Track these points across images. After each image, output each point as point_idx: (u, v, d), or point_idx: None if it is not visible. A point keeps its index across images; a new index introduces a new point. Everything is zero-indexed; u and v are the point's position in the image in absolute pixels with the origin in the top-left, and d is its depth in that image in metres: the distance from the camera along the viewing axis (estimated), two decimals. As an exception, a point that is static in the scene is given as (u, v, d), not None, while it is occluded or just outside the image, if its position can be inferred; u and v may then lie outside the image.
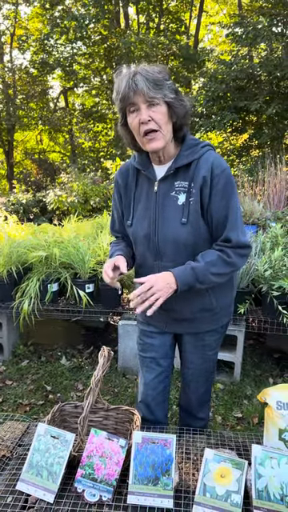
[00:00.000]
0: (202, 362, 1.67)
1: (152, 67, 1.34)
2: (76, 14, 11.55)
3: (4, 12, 13.09)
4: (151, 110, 1.33)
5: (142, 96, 1.31)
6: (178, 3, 14.05)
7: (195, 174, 1.41)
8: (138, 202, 1.54)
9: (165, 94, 1.33)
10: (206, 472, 1.19)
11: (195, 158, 1.42)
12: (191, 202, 1.41)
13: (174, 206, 1.44)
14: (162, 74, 1.33)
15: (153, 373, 1.70)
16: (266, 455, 1.20)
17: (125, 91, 1.32)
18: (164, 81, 1.33)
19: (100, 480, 1.21)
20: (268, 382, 2.94)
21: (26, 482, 1.24)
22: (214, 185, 1.39)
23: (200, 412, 1.78)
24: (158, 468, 1.21)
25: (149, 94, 1.30)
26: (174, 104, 1.37)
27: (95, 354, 3.37)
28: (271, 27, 9.20)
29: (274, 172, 4.72)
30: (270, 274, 2.74)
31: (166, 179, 1.46)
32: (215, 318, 1.61)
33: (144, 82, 1.29)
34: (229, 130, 10.51)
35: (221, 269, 1.41)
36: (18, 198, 7.46)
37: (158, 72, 1.33)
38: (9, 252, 3.19)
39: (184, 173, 1.44)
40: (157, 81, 1.31)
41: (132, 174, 1.57)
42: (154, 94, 1.31)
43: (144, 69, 1.32)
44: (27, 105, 13.09)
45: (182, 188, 1.44)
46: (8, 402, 2.74)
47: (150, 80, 1.30)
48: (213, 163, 1.40)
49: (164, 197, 1.46)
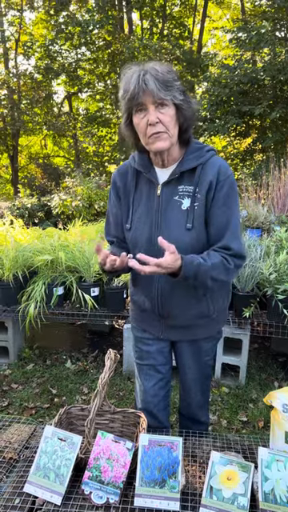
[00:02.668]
0: (199, 368, 1.65)
1: (161, 66, 1.30)
2: (80, 20, 11.64)
3: (9, 18, 13.21)
4: (160, 111, 1.30)
5: (151, 96, 1.27)
6: (182, 8, 14.12)
7: (201, 179, 1.39)
8: (138, 205, 1.49)
9: (174, 95, 1.30)
10: (213, 474, 1.20)
11: (201, 163, 1.39)
12: (196, 206, 1.39)
13: (178, 210, 1.40)
14: (172, 75, 1.30)
15: (152, 380, 1.68)
16: (272, 458, 1.20)
17: (134, 91, 1.27)
18: (173, 81, 1.30)
19: (107, 482, 1.22)
20: (273, 386, 2.93)
21: (34, 484, 1.25)
22: (217, 190, 1.37)
23: (201, 416, 1.76)
24: (164, 470, 1.22)
25: (159, 95, 1.27)
26: (182, 106, 1.33)
27: (100, 358, 3.38)
28: (274, 32, 9.24)
29: (278, 176, 4.71)
30: (275, 278, 2.74)
31: (169, 183, 1.43)
32: (212, 324, 1.59)
33: (154, 82, 1.25)
34: (232, 134, 10.52)
35: (220, 274, 1.37)
36: (23, 202, 7.49)
37: (168, 72, 1.29)
38: (15, 256, 3.21)
39: (189, 177, 1.41)
40: (167, 81, 1.27)
41: (131, 176, 1.52)
42: (164, 95, 1.27)
43: (154, 68, 1.28)
44: (32, 110, 13.17)
45: (187, 192, 1.41)
46: (14, 406, 2.75)
47: (160, 80, 1.26)
48: (220, 168, 1.38)
49: (167, 201, 1.42)
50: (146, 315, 1.61)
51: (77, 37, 11.96)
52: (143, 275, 1.48)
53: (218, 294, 1.53)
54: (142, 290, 1.57)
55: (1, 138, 13.04)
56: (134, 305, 1.67)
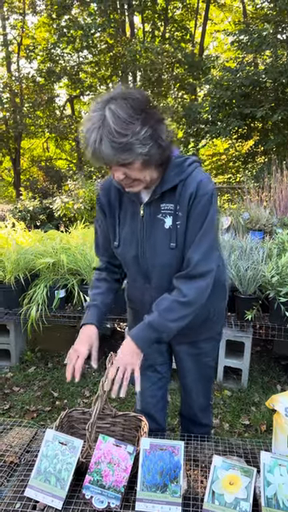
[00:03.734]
0: (200, 369, 1.63)
1: (122, 115, 1.13)
2: (82, 24, 11.69)
3: (11, 22, 13.28)
4: (124, 168, 1.23)
5: (110, 162, 1.21)
6: (183, 12, 14.17)
7: (181, 196, 1.32)
8: (124, 224, 1.45)
9: (136, 152, 1.17)
10: (215, 479, 1.19)
11: (182, 179, 1.32)
12: (178, 225, 1.34)
13: (161, 229, 1.36)
14: (131, 129, 1.14)
15: (150, 380, 1.66)
16: (275, 462, 1.19)
17: (92, 157, 1.19)
18: (133, 139, 1.15)
19: (108, 487, 1.21)
20: (276, 389, 2.92)
21: (35, 488, 1.24)
22: (193, 205, 1.31)
23: (203, 418, 1.74)
24: (166, 475, 1.21)
25: (117, 161, 1.19)
26: (150, 156, 1.21)
27: (102, 361, 3.36)
28: (276, 34, 9.26)
29: (280, 178, 4.71)
30: (277, 280, 2.74)
31: (151, 202, 1.37)
32: (211, 325, 1.58)
33: (110, 150, 1.15)
34: (234, 137, 10.54)
35: (179, 312, 1.33)
36: (25, 205, 7.51)
37: (126, 128, 1.13)
38: (16, 259, 3.21)
39: (170, 194, 1.34)
40: (125, 144, 1.15)
41: (114, 194, 1.45)
42: (123, 158, 1.18)
43: (111, 127, 1.12)
44: (34, 113, 13.23)
45: (168, 211, 1.35)
46: (15, 409, 2.75)
47: (116, 146, 1.14)
48: (199, 183, 1.31)
49: (151, 220, 1.38)
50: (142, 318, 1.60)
51: (79, 40, 12.01)
52: (137, 290, 1.52)
53: (215, 296, 1.51)
54: (135, 303, 1.58)
55: (3, 141, 13.09)
56: (130, 309, 1.67)
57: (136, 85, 12.93)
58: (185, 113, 11.14)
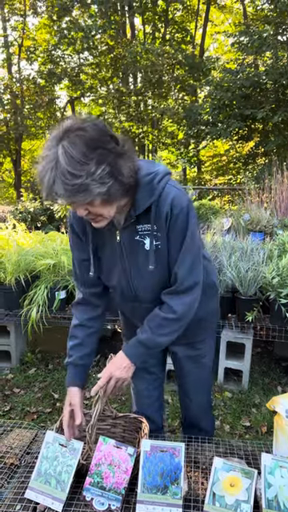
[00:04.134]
0: (198, 370, 1.62)
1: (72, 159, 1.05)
2: (83, 25, 11.72)
3: (12, 23, 13.32)
4: (85, 206, 1.16)
5: (68, 203, 1.14)
6: (184, 13, 14.19)
7: (157, 216, 1.27)
8: (102, 253, 1.40)
9: (92, 193, 1.09)
10: (215, 481, 1.19)
11: (154, 200, 1.26)
12: (158, 245, 1.30)
13: (143, 251, 1.32)
14: (85, 170, 1.05)
15: (144, 382, 1.67)
16: (275, 464, 1.19)
17: (47, 197, 1.11)
18: (89, 180, 1.07)
19: (109, 488, 1.21)
20: (276, 391, 2.91)
21: (35, 490, 1.24)
22: (171, 224, 1.27)
23: (204, 422, 1.72)
24: (166, 477, 1.21)
25: (73, 201, 1.12)
26: (110, 194, 1.13)
27: (102, 362, 3.37)
28: (276, 36, 9.27)
29: (280, 179, 4.71)
30: (278, 282, 2.73)
31: (127, 227, 1.31)
32: (207, 324, 1.58)
33: (65, 191, 1.07)
34: (235, 138, 10.55)
35: (169, 328, 1.35)
36: (25, 206, 7.51)
37: (80, 168, 1.05)
38: (17, 260, 3.21)
39: (144, 216, 1.29)
40: (79, 186, 1.06)
41: (87, 222, 1.32)
42: (79, 199, 1.10)
43: (62, 172, 1.05)
44: (35, 114, 13.26)
45: (146, 231, 1.30)
46: (16, 410, 2.74)
47: (69, 188, 1.06)
48: (172, 201, 1.26)
49: (130, 243, 1.33)
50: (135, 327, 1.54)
51: (79, 42, 12.04)
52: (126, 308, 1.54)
53: (206, 297, 1.48)
54: (126, 316, 1.60)
55: (4, 143, 13.11)
56: (123, 316, 1.67)
57: (136, 86, 12.97)
58: (185, 114, 11.17)
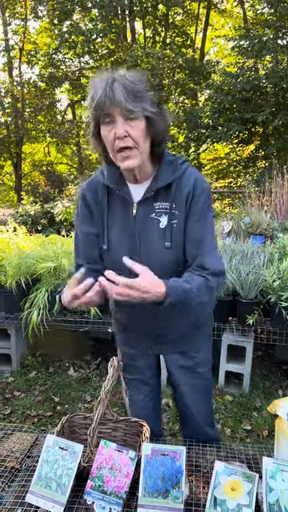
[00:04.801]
0: (197, 381, 1.55)
1: (133, 74, 1.19)
2: (84, 29, 11.76)
3: (13, 27, 13.37)
4: (128, 124, 1.19)
5: (118, 108, 1.16)
6: (184, 17, 14.25)
7: (177, 194, 1.30)
8: (113, 226, 1.38)
9: (144, 107, 1.18)
10: (217, 485, 1.18)
11: (177, 177, 1.30)
12: (174, 224, 1.31)
13: (157, 229, 1.32)
14: (143, 85, 1.19)
15: (141, 393, 1.63)
16: (277, 468, 1.19)
17: (100, 99, 1.17)
18: (144, 92, 1.19)
19: (110, 492, 1.20)
20: (277, 394, 2.91)
21: (35, 494, 1.23)
22: (193, 203, 1.29)
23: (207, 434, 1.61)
24: (167, 480, 1.20)
25: (126, 107, 1.15)
26: (154, 119, 1.22)
27: (103, 366, 3.37)
28: (276, 39, 9.30)
29: (281, 182, 4.71)
30: (279, 285, 2.73)
31: (145, 201, 1.32)
32: (200, 334, 1.53)
33: (122, 92, 1.14)
34: (235, 141, 10.57)
35: (204, 296, 1.27)
36: (26, 209, 7.53)
37: (139, 81, 1.18)
38: (18, 263, 3.22)
39: (165, 193, 1.31)
40: (137, 92, 1.16)
41: (102, 193, 1.38)
42: (133, 106, 1.16)
43: (124, 76, 1.17)
44: (35, 118, 13.29)
45: (163, 209, 1.32)
46: (16, 414, 2.74)
47: (128, 90, 1.15)
48: (196, 181, 1.30)
49: (144, 220, 1.33)
50: (131, 335, 1.55)
51: (80, 45, 12.08)
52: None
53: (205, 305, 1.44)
54: (124, 308, 1.48)
55: (4, 146, 13.13)
56: (117, 323, 1.59)
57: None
58: (186, 118, 11.19)
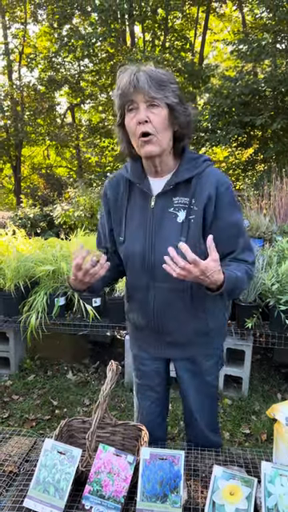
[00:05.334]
0: (203, 388, 1.57)
1: (158, 68, 1.28)
2: (83, 33, 11.79)
3: (13, 31, 13.40)
4: (150, 110, 1.25)
5: (142, 94, 1.23)
6: (183, 21, 14.28)
7: (197, 191, 1.33)
8: (131, 218, 1.43)
9: (167, 95, 1.25)
10: (215, 489, 1.18)
11: (197, 173, 1.34)
12: (191, 219, 1.33)
13: (173, 223, 1.34)
14: (167, 77, 1.27)
15: (148, 400, 1.65)
16: (275, 472, 1.18)
17: (125, 86, 1.24)
18: (168, 83, 1.27)
19: (108, 497, 1.20)
20: (276, 398, 2.90)
21: (34, 498, 1.23)
22: (219, 203, 1.32)
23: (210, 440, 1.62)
24: (166, 485, 1.20)
25: (149, 93, 1.23)
26: (176, 109, 1.29)
27: (101, 369, 3.36)
28: (275, 44, 9.33)
29: (279, 186, 4.72)
30: (277, 288, 2.73)
31: (164, 194, 1.37)
32: (210, 342, 1.53)
33: (146, 79, 1.22)
34: (234, 145, 10.57)
35: (245, 284, 1.35)
36: (25, 212, 7.52)
37: (163, 74, 1.27)
38: (17, 266, 3.21)
39: (184, 188, 1.35)
40: (160, 81, 1.24)
41: (124, 187, 1.45)
42: (156, 93, 1.23)
43: (149, 68, 1.27)
44: (35, 121, 13.30)
45: (182, 204, 1.35)
46: (14, 417, 2.73)
47: (153, 78, 1.23)
48: (217, 180, 1.33)
49: (162, 213, 1.36)
50: (141, 333, 1.57)
51: (80, 49, 12.10)
52: (138, 290, 1.46)
53: (215, 310, 1.48)
54: (136, 305, 1.52)
55: (4, 149, 13.13)
56: (129, 322, 1.63)
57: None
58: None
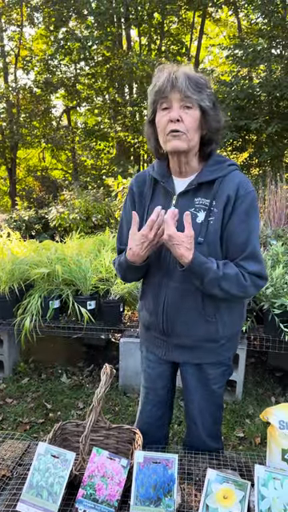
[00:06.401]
0: (208, 396, 1.54)
1: (196, 72, 1.32)
2: (79, 36, 11.81)
3: (9, 33, 13.40)
4: (184, 111, 1.29)
5: (178, 93, 1.26)
6: (179, 26, 14.35)
7: (219, 193, 1.34)
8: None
9: (202, 98, 1.29)
10: (209, 493, 1.18)
11: (220, 176, 1.36)
12: (211, 221, 1.34)
13: (192, 223, 1.32)
14: (205, 81, 1.31)
15: (150, 403, 1.65)
16: (269, 476, 1.19)
17: (163, 83, 1.27)
18: (205, 86, 1.30)
19: (101, 501, 1.20)
20: (270, 401, 2.91)
21: (27, 502, 1.22)
22: (236, 205, 1.33)
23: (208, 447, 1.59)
24: (159, 488, 1.20)
25: (186, 93, 1.26)
26: (208, 113, 1.32)
27: (96, 372, 3.35)
28: (270, 49, 9.40)
29: (274, 190, 4.75)
30: (272, 292, 2.75)
31: (186, 194, 1.39)
32: (219, 350, 1.49)
33: (185, 80, 1.25)
34: (229, 149, 10.62)
35: (232, 288, 1.32)
36: (20, 214, 7.51)
37: (201, 77, 1.31)
38: (11, 269, 3.21)
39: (206, 189, 1.37)
40: (198, 83, 1.28)
41: (149, 184, 1.49)
42: (192, 94, 1.26)
43: (188, 69, 1.30)
44: (30, 123, 13.28)
45: (203, 206, 1.36)
46: (8, 421, 2.72)
47: (191, 79, 1.27)
48: (239, 183, 1.35)
49: (182, 213, 1.34)
50: (149, 333, 1.58)
51: (76, 52, 12.12)
52: (152, 287, 1.47)
53: (228, 319, 1.46)
54: (148, 302, 1.53)
55: (-1, 151, 13.11)
56: (140, 321, 1.64)
57: (132, 97, 13.07)
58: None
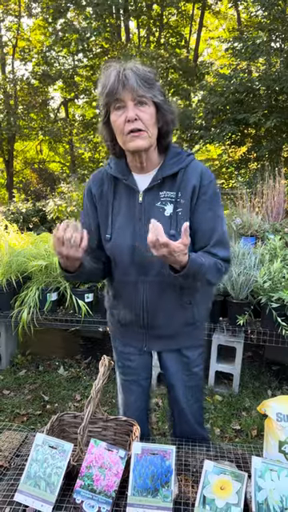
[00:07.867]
0: (189, 379, 1.57)
1: (142, 66, 1.27)
2: (78, 27, 11.71)
3: (7, 24, 13.27)
4: (139, 108, 1.26)
5: (130, 92, 1.23)
6: (179, 18, 14.25)
7: (183, 184, 1.35)
8: (118, 214, 1.42)
9: (154, 94, 1.26)
10: (206, 484, 1.19)
11: (182, 167, 1.36)
12: (179, 212, 1.35)
13: (161, 217, 1.33)
14: (153, 74, 1.28)
15: (134, 394, 1.65)
16: (265, 467, 1.19)
17: (113, 85, 1.23)
18: (155, 81, 1.27)
19: (99, 491, 1.20)
20: (267, 394, 2.93)
21: (24, 493, 1.23)
22: (201, 194, 1.35)
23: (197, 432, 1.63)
24: (157, 479, 1.20)
25: (138, 92, 1.23)
26: (162, 107, 1.30)
27: (93, 365, 3.36)
28: (270, 42, 9.35)
29: (272, 184, 4.74)
30: (269, 286, 2.75)
31: (151, 189, 1.38)
32: (195, 332, 1.54)
33: (135, 78, 1.22)
34: (227, 143, 10.60)
35: (213, 276, 1.34)
36: (17, 207, 7.49)
37: (149, 71, 1.27)
38: (8, 261, 3.20)
39: (170, 182, 1.37)
40: (148, 79, 1.25)
41: (108, 184, 1.45)
42: (144, 92, 1.24)
43: (135, 66, 1.26)
44: (28, 115, 13.21)
45: (169, 198, 1.36)
46: (5, 412, 2.72)
47: (141, 77, 1.23)
48: (202, 172, 1.36)
49: (150, 208, 1.37)
50: (127, 329, 1.56)
51: (74, 43, 12.03)
52: (128, 286, 1.45)
53: (201, 301, 1.50)
54: (124, 302, 1.51)
55: (-4, 143, 13.04)
56: (113, 318, 1.60)
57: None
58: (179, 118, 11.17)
